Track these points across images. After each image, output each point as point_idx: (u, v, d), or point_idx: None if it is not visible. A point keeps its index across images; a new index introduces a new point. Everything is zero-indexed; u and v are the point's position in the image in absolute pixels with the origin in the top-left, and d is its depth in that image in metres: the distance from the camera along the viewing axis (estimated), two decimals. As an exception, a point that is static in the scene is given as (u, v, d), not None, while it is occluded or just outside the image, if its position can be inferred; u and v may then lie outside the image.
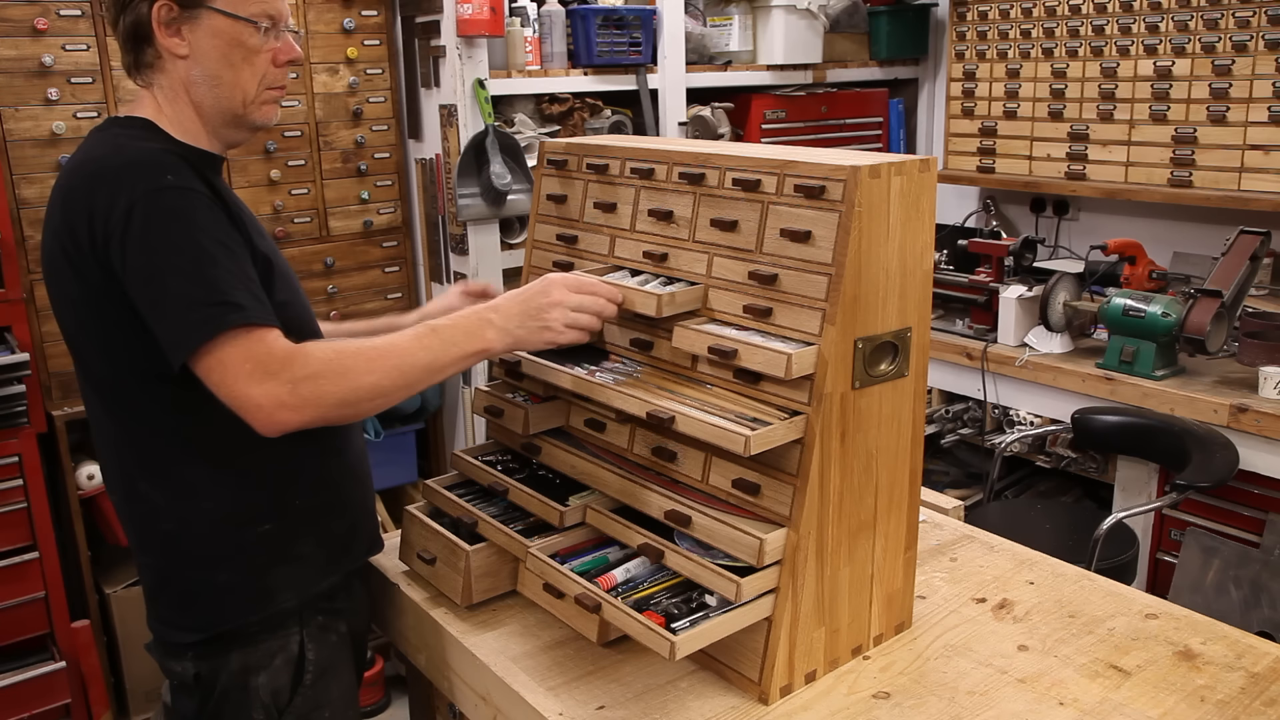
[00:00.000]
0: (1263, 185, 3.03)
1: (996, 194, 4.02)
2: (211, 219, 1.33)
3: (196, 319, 1.27)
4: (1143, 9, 3.26)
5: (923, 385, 1.44)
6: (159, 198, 1.30)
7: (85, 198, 1.33)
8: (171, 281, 1.28)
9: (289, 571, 1.49)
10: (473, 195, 3.15)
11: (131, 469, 1.45)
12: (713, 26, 3.74)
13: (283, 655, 1.49)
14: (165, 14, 1.39)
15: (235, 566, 1.45)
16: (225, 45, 1.41)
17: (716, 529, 1.34)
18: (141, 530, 1.48)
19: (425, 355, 1.34)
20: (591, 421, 1.56)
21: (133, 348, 1.36)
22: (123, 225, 1.29)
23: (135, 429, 1.43)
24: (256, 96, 1.46)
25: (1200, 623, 1.53)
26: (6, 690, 2.64)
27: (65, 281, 1.38)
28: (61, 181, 1.40)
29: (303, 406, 1.27)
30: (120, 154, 1.36)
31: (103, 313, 1.36)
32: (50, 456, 2.78)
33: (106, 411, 1.45)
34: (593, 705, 1.35)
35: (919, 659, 1.44)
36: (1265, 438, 2.55)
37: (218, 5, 1.40)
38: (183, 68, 1.42)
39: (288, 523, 1.48)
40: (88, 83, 2.81)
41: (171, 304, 1.28)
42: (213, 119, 1.46)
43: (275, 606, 1.48)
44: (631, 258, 1.57)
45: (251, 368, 1.26)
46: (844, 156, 1.36)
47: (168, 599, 1.49)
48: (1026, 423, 3.13)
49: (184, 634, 1.47)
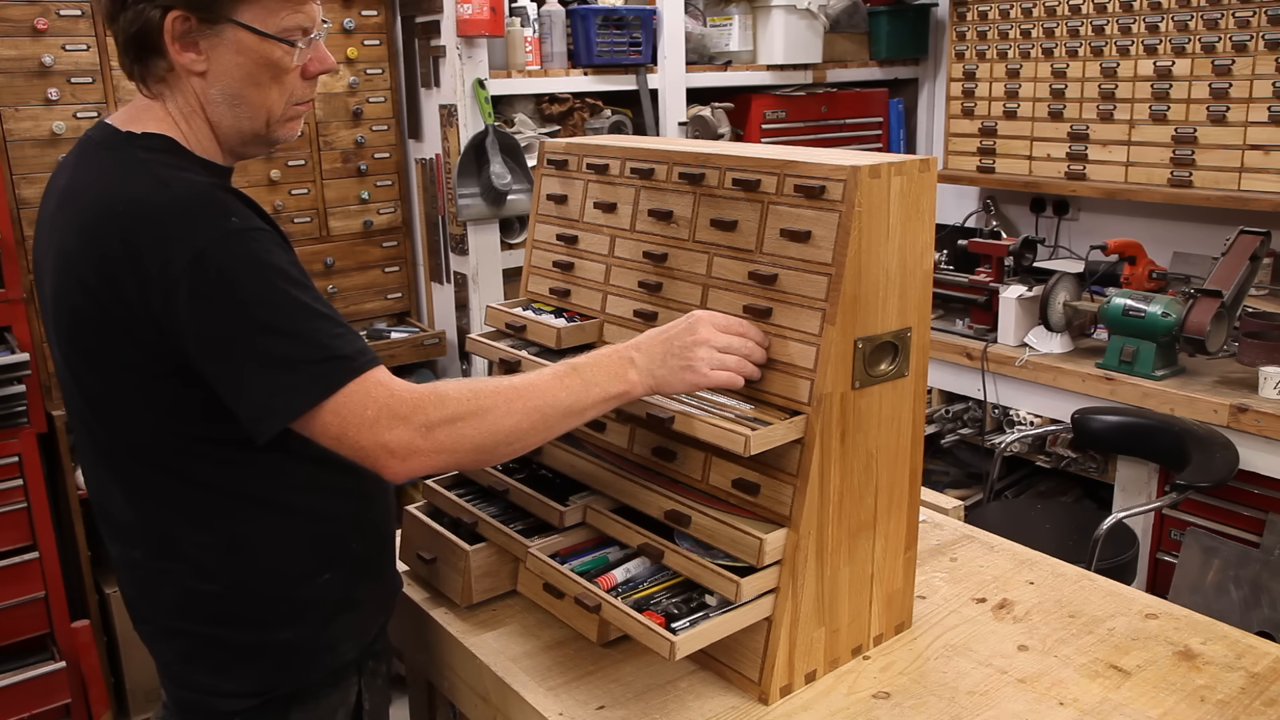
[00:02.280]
0: (1263, 185, 3.03)
1: (996, 194, 4.02)
2: (285, 260, 1.18)
3: (303, 381, 1.14)
4: (1143, 9, 3.26)
5: (923, 385, 1.44)
6: (226, 245, 1.14)
7: (125, 238, 1.14)
8: (263, 343, 1.13)
9: (349, 621, 1.37)
10: (473, 195, 3.15)
11: (172, 529, 1.28)
12: (713, 26, 3.74)
13: (344, 709, 1.40)
14: (180, 27, 1.19)
15: (297, 623, 1.32)
16: (251, 64, 1.23)
17: (716, 529, 1.34)
18: (181, 592, 1.30)
19: (567, 397, 1.24)
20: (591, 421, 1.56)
21: (182, 408, 1.21)
22: (188, 280, 1.12)
23: (180, 487, 1.26)
24: (283, 115, 1.29)
25: (1200, 623, 1.53)
26: (6, 690, 2.64)
27: (91, 330, 1.20)
28: (79, 211, 1.20)
29: (438, 452, 1.17)
30: (165, 190, 1.17)
31: (147, 370, 1.19)
32: (50, 456, 2.78)
33: (139, 466, 1.27)
34: (593, 705, 1.35)
35: (919, 659, 1.44)
36: (1265, 438, 2.55)
37: (244, 20, 1.20)
38: (198, 85, 1.24)
39: (347, 570, 1.36)
40: (88, 83, 2.81)
41: (269, 368, 1.14)
42: (230, 138, 1.29)
43: (338, 660, 1.37)
44: (631, 258, 1.57)
45: (375, 413, 1.15)
46: (844, 156, 1.36)
47: (211, 665, 1.32)
48: (1026, 423, 3.13)
49: (232, 701, 1.32)
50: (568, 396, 1.24)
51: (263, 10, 1.21)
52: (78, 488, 2.80)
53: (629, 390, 1.28)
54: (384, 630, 1.50)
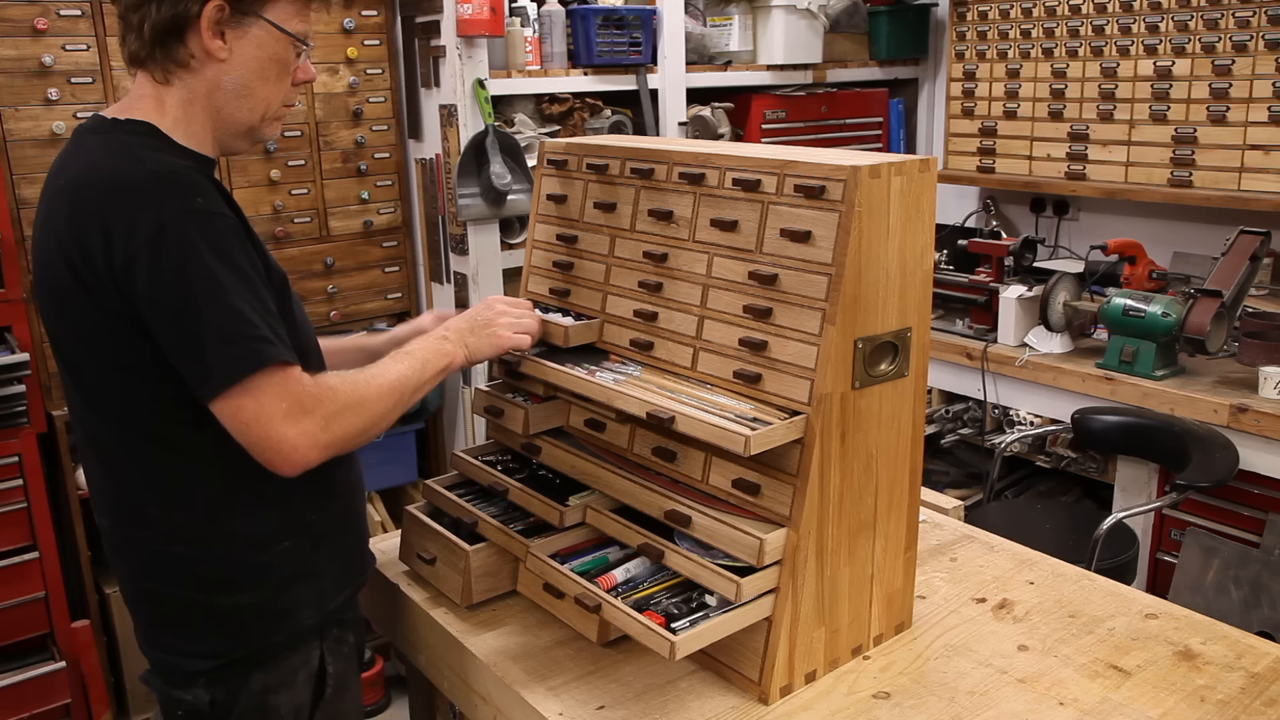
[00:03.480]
0: (1263, 185, 3.03)
1: (996, 194, 4.02)
2: (240, 248, 1.29)
3: (234, 353, 1.24)
4: (1143, 9, 3.26)
5: (923, 385, 1.44)
6: (188, 221, 1.25)
7: (101, 213, 1.25)
8: (206, 313, 1.23)
9: (309, 588, 1.45)
10: (473, 195, 3.15)
11: (140, 493, 1.38)
12: (713, 26, 3.74)
13: (304, 671, 1.46)
14: (216, 14, 1.32)
15: (256, 587, 1.41)
16: (266, 58, 1.37)
17: (716, 529, 1.34)
18: (149, 555, 1.41)
19: (413, 376, 1.41)
20: (591, 421, 1.56)
21: (149, 373, 1.30)
22: (149, 249, 1.23)
23: (147, 452, 1.36)
24: (274, 113, 1.42)
25: (1200, 623, 1.53)
26: (6, 690, 2.64)
27: (71, 301, 1.30)
28: (65, 189, 1.32)
29: (332, 443, 1.29)
30: (141, 167, 1.28)
31: (117, 337, 1.29)
32: (50, 456, 2.78)
33: (114, 435, 1.37)
34: (593, 705, 1.35)
35: (919, 659, 1.44)
36: (1265, 438, 2.55)
37: (271, 16, 1.35)
38: (214, 71, 1.35)
39: (306, 539, 1.45)
40: (88, 83, 2.81)
41: (205, 337, 1.23)
42: (224, 127, 1.40)
43: (297, 625, 1.44)
44: (631, 258, 1.57)
45: (288, 406, 1.25)
46: (844, 156, 1.36)
47: (177, 626, 1.42)
48: (1026, 423, 3.13)
49: (199, 660, 1.41)
50: (414, 376, 1.41)
51: (285, 13, 1.37)
52: (78, 488, 2.80)
53: (450, 362, 1.47)
54: (352, 601, 1.55)
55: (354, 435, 1.33)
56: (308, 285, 3.29)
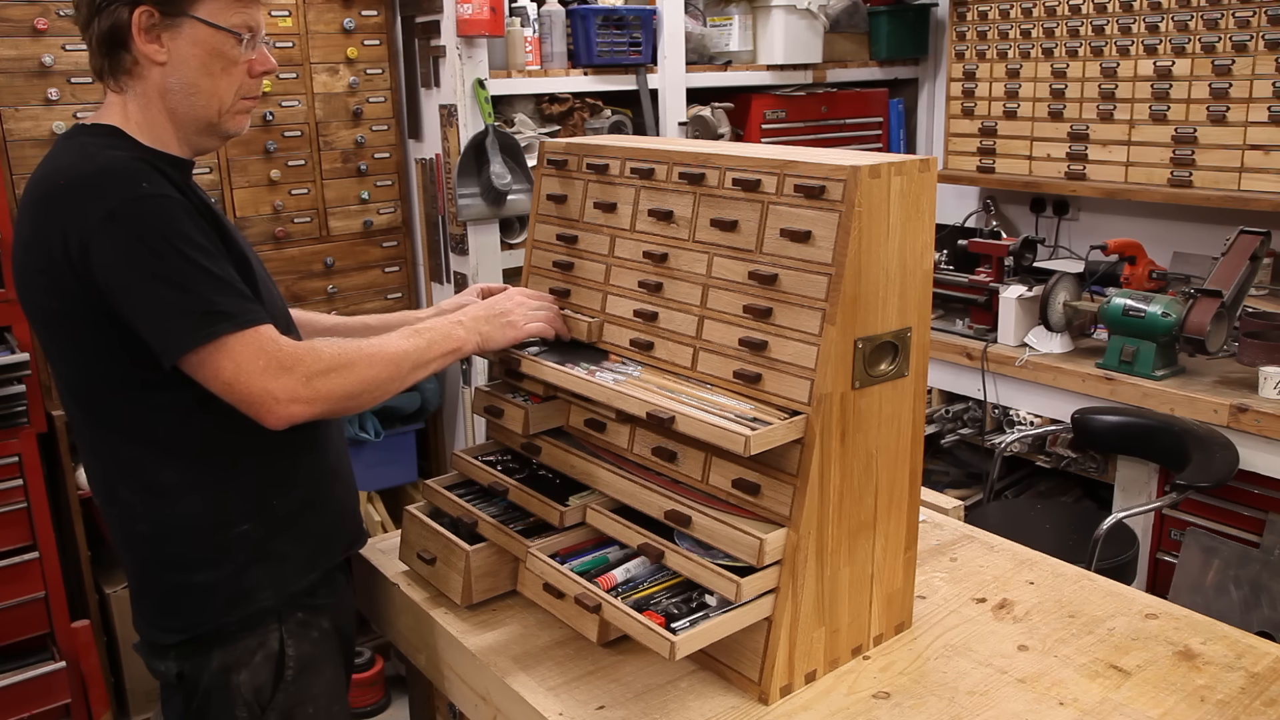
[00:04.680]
0: (1263, 185, 3.03)
1: (996, 194, 4.02)
2: (190, 225, 1.34)
3: (188, 325, 1.30)
4: (1143, 9, 3.26)
5: (923, 385, 1.44)
6: (136, 206, 1.31)
7: (58, 209, 1.33)
8: (158, 289, 1.30)
9: (267, 570, 1.49)
10: (473, 195, 3.15)
11: (111, 473, 1.47)
12: (713, 26, 3.74)
13: (262, 652, 1.50)
14: (146, 20, 1.38)
15: (213, 567, 1.46)
16: (205, 55, 1.41)
17: (716, 529, 1.34)
18: (122, 533, 1.50)
19: (415, 352, 1.46)
20: (591, 421, 1.56)
21: (108, 355, 1.38)
22: (100, 234, 1.30)
23: (111, 434, 1.44)
24: (231, 106, 1.46)
25: (1200, 623, 1.53)
26: (6, 690, 2.64)
27: (39, 294, 1.39)
28: (31, 194, 1.39)
29: (315, 400, 1.35)
30: (91, 163, 1.35)
31: (77, 322, 1.37)
32: (50, 456, 2.78)
33: (85, 418, 1.46)
34: (593, 705, 1.35)
35: (919, 659, 1.44)
36: (1265, 438, 2.55)
37: (200, 15, 1.39)
38: (159, 74, 1.41)
39: (265, 523, 1.49)
40: (87, 83, 2.81)
41: (161, 310, 1.31)
42: (185, 126, 1.45)
43: (254, 606, 1.48)
44: (631, 258, 1.57)
45: (265, 363, 1.31)
46: (844, 156, 1.36)
47: (150, 600, 1.51)
48: (1026, 423, 3.13)
49: (167, 635, 1.49)
50: (415, 352, 1.46)
51: (216, 8, 1.41)
52: (78, 488, 2.80)
53: (460, 346, 1.52)
54: (322, 586, 1.57)
55: (340, 397, 1.37)
56: (308, 285, 3.29)
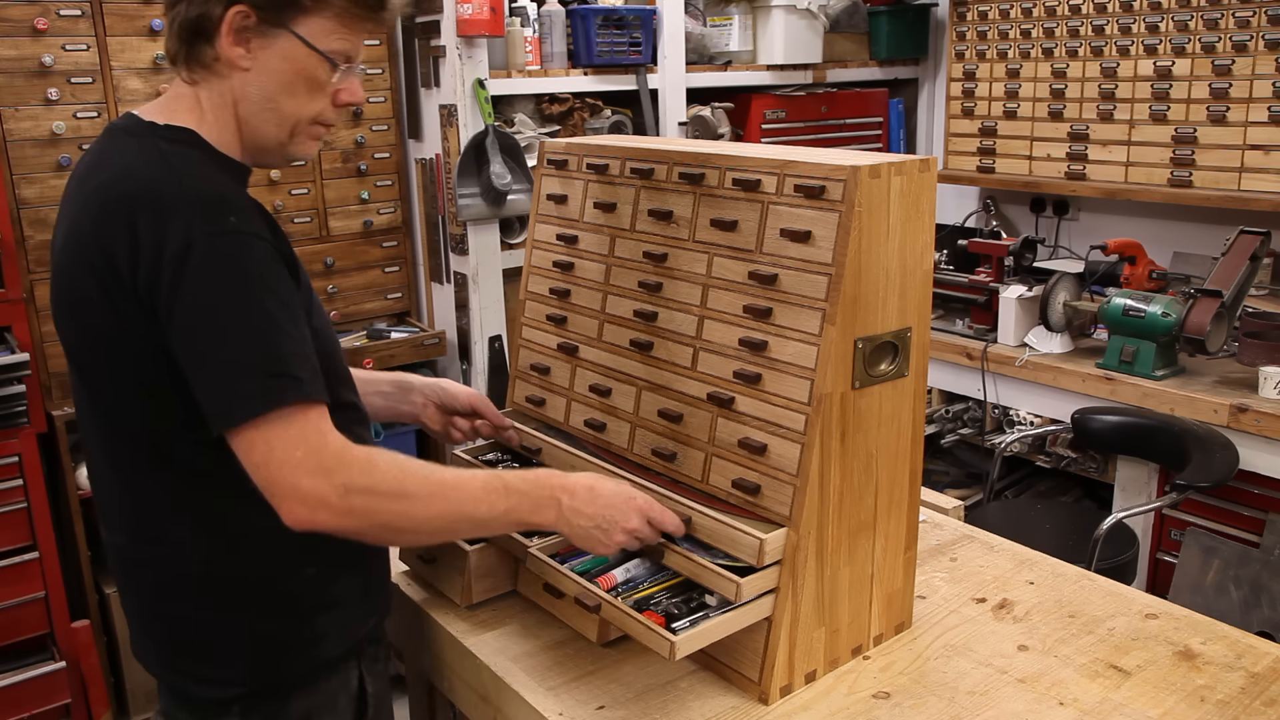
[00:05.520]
0: (1263, 185, 3.03)
1: (996, 194, 4.02)
2: (273, 272, 1.20)
3: (250, 389, 1.15)
4: (1143, 9, 3.26)
5: (923, 385, 1.44)
6: (220, 242, 1.17)
7: (130, 222, 1.18)
8: (227, 340, 1.16)
9: (334, 617, 1.37)
10: (473, 195, 3.15)
11: (161, 513, 1.30)
12: (713, 26, 3.74)
13: (345, 694, 1.41)
14: (239, 21, 1.23)
15: (282, 615, 1.33)
16: (293, 73, 1.27)
17: (716, 529, 1.34)
18: (170, 576, 1.32)
19: (486, 512, 1.27)
20: (591, 422, 1.56)
21: (170, 395, 1.22)
22: (175, 267, 1.15)
23: (168, 474, 1.28)
24: (305, 131, 1.33)
25: (1200, 623, 1.53)
26: (6, 690, 2.64)
27: (93, 315, 1.23)
28: (95, 194, 1.23)
29: (347, 515, 1.17)
30: (175, 181, 1.20)
31: (139, 354, 1.22)
32: (50, 456, 2.78)
33: (133, 454, 1.29)
34: (593, 705, 1.35)
35: (919, 659, 1.44)
36: (1265, 438, 2.55)
37: (301, 32, 1.26)
38: (238, 81, 1.27)
39: (328, 566, 1.36)
40: (88, 83, 2.81)
41: (222, 367, 1.16)
42: (252, 139, 1.32)
43: (325, 654, 1.37)
44: (631, 258, 1.56)
45: (303, 455, 1.15)
46: (844, 156, 1.36)
47: (201, 651, 1.33)
48: (1026, 423, 3.13)
49: (228, 688, 1.33)
50: (487, 512, 1.27)
51: (319, 28, 1.27)
52: (78, 488, 2.80)
53: (539, 524, 1.32)
54: (381, 625, 1.50)
55: (378, 525, 1.20)
56: (308, 285, 3.29)
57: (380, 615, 1.49)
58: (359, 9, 1.29)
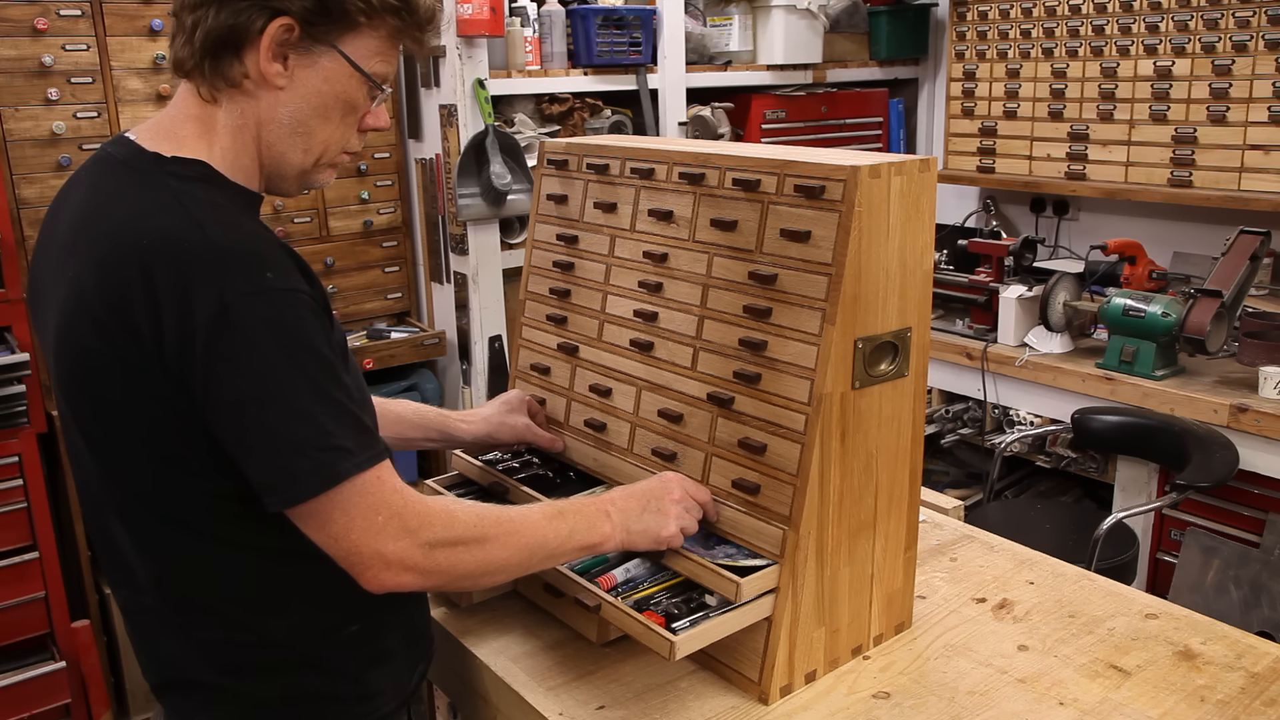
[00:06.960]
0: (1263, 185, 3.03)
1: (996, 194, 4.02)
2: (315, 331, 1.10)
3: (306, 466, 1.06)
4: (1143, 9, 3.26)
5: (923, 385, 1.44)
6: (258, 303, 1.05)
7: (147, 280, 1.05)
8: (272, 414, 1.06)
9: (383, 671, 1.31)
10: (473, 195, 3.15)
11: (189, 581, 1.20)
12: (713, 26, 3.74)
13: None
14: (281, 35, 1.12)
15: (327, 675, 1.26)
16: (332, 95, 1.17)
17: (740, 519, 1.35)
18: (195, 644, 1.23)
19: (554, 540, 1.24)
20: (591, 421, 1.56)
21: (197, 467, 1.13)
22: (208, 333, 1.03)
23: (195, 543, 1.18)
24: (330, 159, 1.23)
25: (1200, 623, 1.53)
26: (6, 690, 2.64)
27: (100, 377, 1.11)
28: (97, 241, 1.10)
29: (431, 572, 1.13)
30: (200, 231, 1.06)
31: (161, 425, 1.11)
32: (50, 456, 2.78)
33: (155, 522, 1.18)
34: (593, 705, 1.35)
35: (919, 659, 1.44)
36: (1265, 438, 2.55)
37: (347, 50, 1.15)
38: (268, 100, 1.15)
39: (374, 618, 1.28)
40: (88, 83, 2.81)
41: (272, 444, 1.07)
42: (273, 166, 1.20)
43: (378, 710, 1.31)
44: (631, 258, 1.57)
45: (385, 519, 1.09)
46: (844, 156, 1.36)
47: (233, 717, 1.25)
48: (1026, 423, 3.13)
49: None
50: (554, 540, 1.25)
51: (366, 48, 1.18)
52: (78, 488, 2.80)
53: (602, 543, 1.30)
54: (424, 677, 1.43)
55: (459, 575, 1.16)
56: (308, 285, 3.28)
57: (426, 661, 1.42)
58: (413, 28, 1.20)
